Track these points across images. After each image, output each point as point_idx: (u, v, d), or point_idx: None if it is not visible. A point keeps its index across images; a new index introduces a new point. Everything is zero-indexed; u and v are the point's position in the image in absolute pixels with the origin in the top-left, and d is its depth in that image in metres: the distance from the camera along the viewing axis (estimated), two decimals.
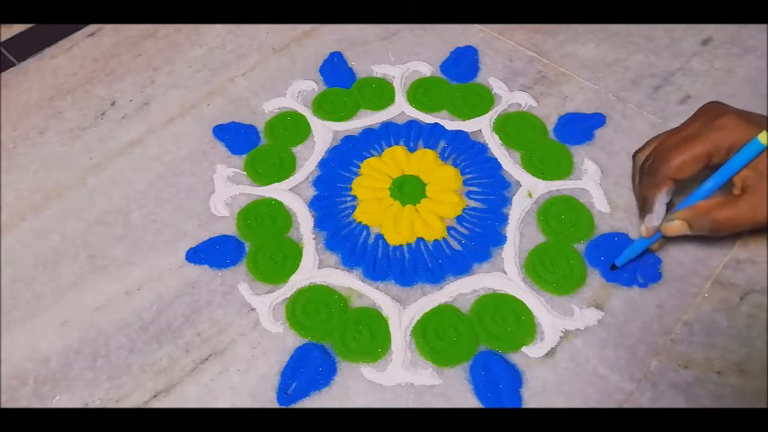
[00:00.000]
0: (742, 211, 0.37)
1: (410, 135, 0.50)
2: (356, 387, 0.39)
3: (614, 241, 0.43)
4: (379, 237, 0.45)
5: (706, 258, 0.42)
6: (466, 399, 0.38)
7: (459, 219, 0.46)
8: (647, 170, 0.39)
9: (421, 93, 0.53)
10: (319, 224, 0.46)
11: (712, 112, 0.38)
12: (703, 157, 0.37)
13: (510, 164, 0.48)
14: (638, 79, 0.53)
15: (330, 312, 0.41)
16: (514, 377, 0.38)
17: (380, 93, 0.54)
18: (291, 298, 0.42)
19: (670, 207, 0.40)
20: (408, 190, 0.47)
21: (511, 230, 0.45)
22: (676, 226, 0.38)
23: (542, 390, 0.38)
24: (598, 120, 0.50)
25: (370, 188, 0.47)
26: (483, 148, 0.49)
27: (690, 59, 0.54)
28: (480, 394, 0.38)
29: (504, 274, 0.43)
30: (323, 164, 0.49)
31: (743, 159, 0.36)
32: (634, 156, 0.42)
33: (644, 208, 0.39)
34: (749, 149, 0.35)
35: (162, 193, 0.48)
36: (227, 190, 0.48)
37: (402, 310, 0.41)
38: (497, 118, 0.51)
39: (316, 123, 0.52)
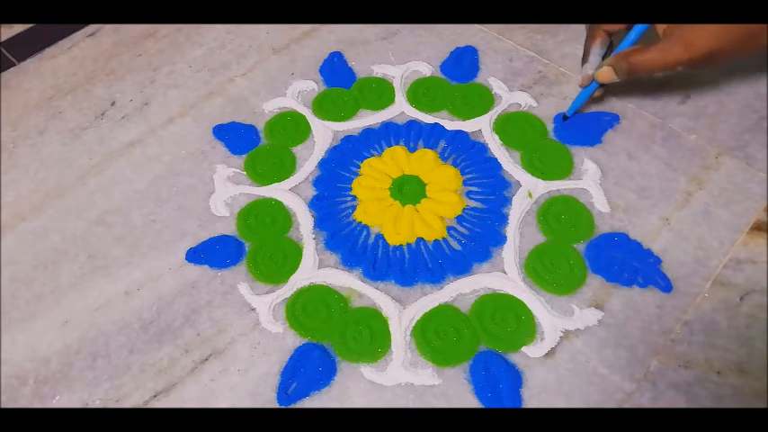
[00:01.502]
0: (653, 54, 0.42)
1: (410, 135, 0.50)
2: (356, 387, 0.39)
3: (614, 241, 0.43)
4: (379, 237, 0.45)
5: (706, 258, 0.42)
6: (466, 399, 0.38)
7: (459, 219, 0.46)
8: (588, 26, 0.46)
9: (421, 93, 0.53)
10: (319, 224, 0.46)
11: None
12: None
13: (510, 164, 0.48)
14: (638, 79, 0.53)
15: (330, 312, 0.41)
16: (514, 377, 0.38)
17: (380, 93, 0.54)
18: (291, 298, 0.42)
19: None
20: (408, 190, 0.47)
21: (511, 230, 0.45)
22: (603, 71, 0.45)
23: (542, 390, 0.38)
24: (608, 122, 0.50)
25: (370, 188, 0.47)
26: (483, 148, 0.49)
27: None
28: (480, 394, 0.38)
29: (504, 274, 0.43)
30: (323, 164, 0.49)
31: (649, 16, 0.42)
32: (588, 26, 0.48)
33: (583, 57, 0.47)
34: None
35: (162, 193, 0.48)
36: (227, 190, 0.48)
37: (402, 310, 0.41)
38: (497, 118, 0.51)
39: (316, 123, 0.52)
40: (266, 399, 0.38)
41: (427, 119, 0.52)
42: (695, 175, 0.47)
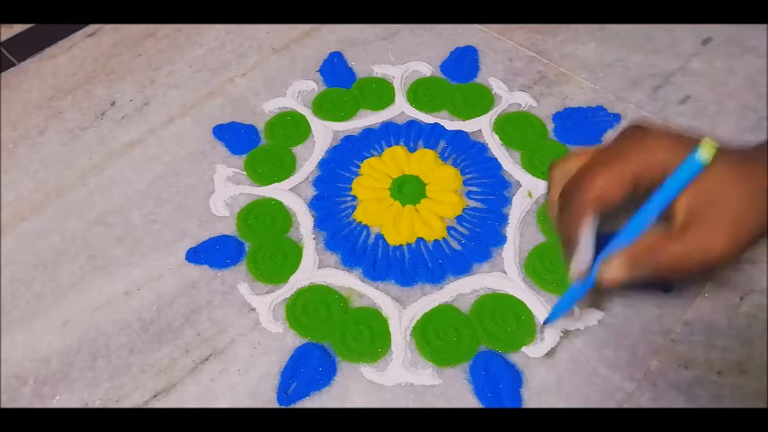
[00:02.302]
0: (691, 247, 0.29)
1: (410, 135, 0.50)
2: (356, 387, 0.39)
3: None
4: (379, 237, 0.45)
5: None
6: (466, 399, 0.38)
7: (459, 219, 0.46)
8: (565, 200, 0.31)
9: (421, 93, 0.53)
10: (319, 224, 0.46)
11: (638, 132, 0.30)
12: (630, 178, 0.29)
13: (510, 164, 0.48)
14: (638, 79, 0.53)
15: (330, 312, 0.41)
16: (514, 377, 0.38)
17: (380, 93, 0.54)
18: (291, 298, 0.42)
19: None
20: (408, 190, 0.47)
21: (511, 230, 0.45)
22: (613, 272, 0.30)
23: (542, 390, 0.38)
24: (608, 122, 0.50)
25: (370, 188, 0.47)
26: (483, 148, 0.49)
27: (690, 59, 0.54)
28: (480, 394, 0.38)
29: (504, 274, 0.43)
30: (323, 164, 0.49)
31: (681, 180, 0.28)
32: (550, 167, 0.34)
33: (567, 248, 0.31)
34: (687, 167, 0.28)
35: (162, 193, 0.48)
36: (227, 190, 0.48)
37: (402, 310, 0.41)
38: (497, 118, 0.51)
39: (316, 123, 0.52)
40: (266, 399, 0.38)
41: (427, 119, 0.52)
42: None
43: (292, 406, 0.38)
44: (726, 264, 0.30)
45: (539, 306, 0.41)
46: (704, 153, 0.27)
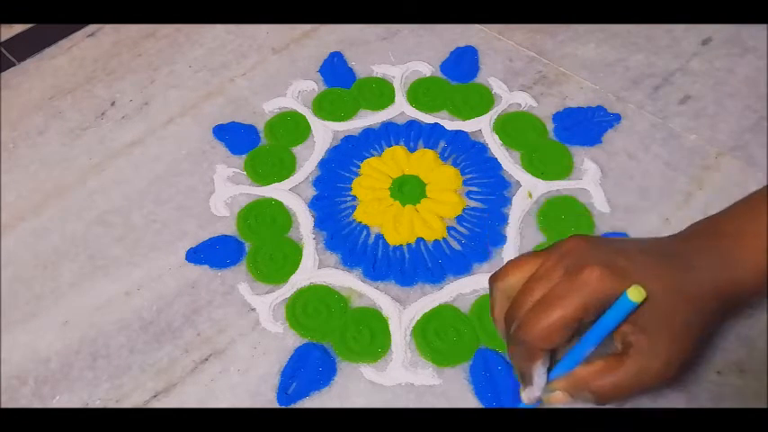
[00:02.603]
0: (626, 377, 0.31)
1: (410, 135, 0.50)
2: (356, 387, 0.39)
3: None
4: (379, 237, 0.45)
5: None
6: (466, 399, 0.38)
7: (459, 219, 0.46)
8: (514, 338, 0.32)
9: (421, 93, 0.53)
10: (319, 224, 0.46)
11: (573, 259, 0.32)
12: (571, 322, 0.30)
13: (510, 164, 0.48)
14: (638, 79, 0.53)
15: (330, 312, 0.41)
16: (514, 377, 0.38)
17: (380, 93, 0.54)
18: (291, 298, 0.42)
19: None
20: (408, 190, 0.47)
21: (511, 230, 0.45)
22: (558, 398, 0.33)
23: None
24: (608, 122, 0.50)
25: (370, 188, 0.47)
26: (483, 148, 0.49)
27: (690, 59, 0.54)
28: (480, 394, 0.38)
29: None
30: (323, 164, 0.49)
31: (613, 320, 0.30)
32: (491, 281, 0.35)
33: (522, 380, 0.34)
34: (619, 309, 0.30)
35: (162, 193, 0.48)
36: (227, 190, 0.48)
37: (402, 310, 0.41)
38: (497, 118, 0.51)
39: (316, 123, 0.52)
40: (266, 399, 0.38)
41: (427, 119, 0.52)
42: (695, 175, 0.47)
43: (292, 406, 0.38)
44: (666, 385, 0.32)
45: None
46: (634, 298, 0.29)
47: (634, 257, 0.32)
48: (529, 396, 0.34)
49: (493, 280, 0.35)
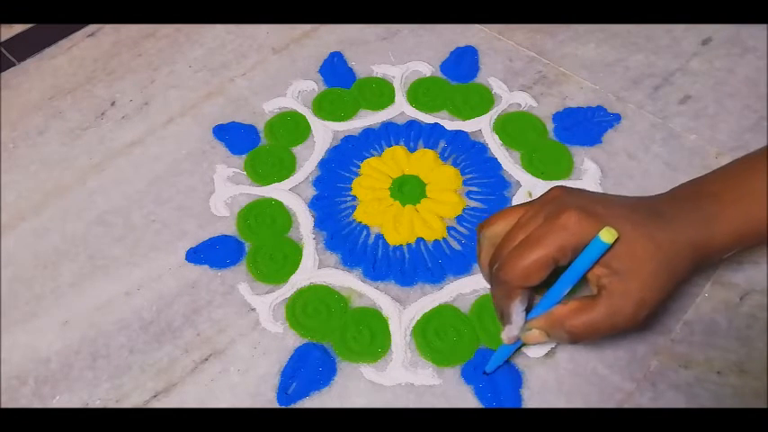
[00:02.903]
0: (598, 316, 0.32)
1: (410, 135, 0.50)
2: (356, 387, 0.39)
3: None
4: (379, 237, 0.45)
5: None
6: (466, 399, 0.38)
7: (459, 219, 0.46)
8: (495, 278, 0.34)
9: (421, 93, 0.53)
10: (319, 224, 0.46)
11: (554, 206, 0.33)
12: (548, 261, 0.32)
13: (510, 164, 0.48)
14: (638, 79, 0.53)
15: (330, 312, 0.41)
16: (514, 377, 0.38)
17: (380, 93, 0.54)
18: (291, 298, 0.42)
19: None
20: (408, 190, 0.47)
21: None
22: (534, 335, 0.35)
23: (542, 390, 0.38)
24: (608, 122, 0.50)
25: (370, 188, 0.47)
26: (483, 148, 0.49)
27: (690, 59, 0.54)
28: (480, 394, 0.38)
29: None
30: (323, 164, 0.49)
31: (587, 261, 0.32)
32: (478, 229, 0.37)
33: (502, 319, 0.35)
34: (592, 250, 0.31)
35: (162, 193, 0.48)
36: (227, 190, 0.48)
37: (402, 310, 0.41)
38: (497, 118, 0.51)
39: (316, 123, 0.52)
40: (266, 399, 0.38)
41: (427, 119, 0.52)
42: (695, 175, 0.46)
43: (292, 406, 0.38)
44: (635, 328, 0.33)
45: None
46: (606, 238, 0.31)
47: (612, 206, 0.33)
48: (508, 335, 0.35)
49: (479, 228, 0.37)
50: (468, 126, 0.51)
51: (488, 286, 0.42)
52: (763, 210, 0.33)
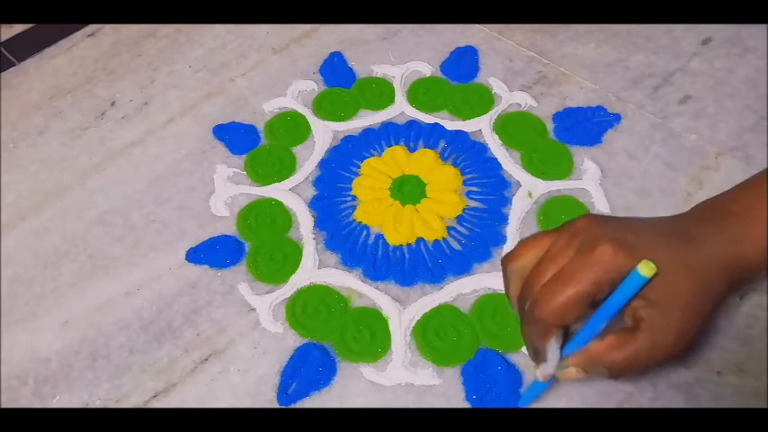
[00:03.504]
0: (639, 351, 0.31)
1: (410, 135, 0.50)
2: (356, 387, 0.39)
3: None
4: (379, 237, 0.45)
5: None
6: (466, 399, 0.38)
7: (459, 219, 0.46)
8: (528, 316, 0.33)
9: (421, 93, 0.53)
10: (319, 224, 0.46)
11: (586, 237, 0.32)
12: (584, 298, 0.31)
13: (510, 164, 0.48)
14: (638, 79, 0.53)
15: (330, 312, 0.41)
16: (514, 377, 0.38)
17: (380, 93, 0.54)
18: (291, 298, 0.42)
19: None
20: (408, 190, 0.47)
21: (511, 230, 0.45)
22: (572, 374, 0.33)
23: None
24: (608, 122, 0.50)
25: (370, 188, 0.47)
26: (483, 148, 0.49)
27: (690, 59, 0.54)
28: (476, 394, 0.38)
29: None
30: (323, 164, 0.49)
31: (625, 295, 0.31)
32: (504, 262, 0.35)
33: (536, 358, 0.34)
34: (630, 284, 0.31)
35: (162, 193, 0.48)
36: (227, 190, 0.48)
37: (402, 310, 0.41)
38: (497, 118, 0.51)
39: (316, 123, 0.52)
40: (266, 399, 0.38)
41: (427, 119, 0.52)
42: (695, 175, 0.47)
43: (292, 406, 0.38)
44: (676, 359, 0.33)
45: None
46: (645, 272, 0.30)
47: (643, 234, 0.32)
48: (543, 373, 0.34)
49: (506, 261, 0.35)
50: (468, 126, 0.51)
51: (489, 286, 0.42)
52: None
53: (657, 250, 0.31)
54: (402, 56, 0.56)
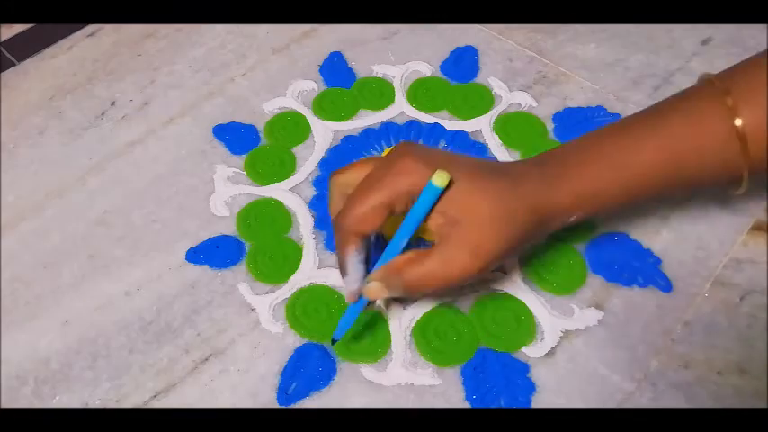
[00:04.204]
0: (432, 268, 0.32)
1: (410, 135, 0.50)
2: (356, 387, 0.39)
3: (614, 241, 0.43)
4: (379, 237, 0.45)
5: (706, 258, 0.42)
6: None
7: None
8: (333, 226, 0.33)
9: (421, 93, 0.53)
10: (319, 224, 0.46)
11: (396, 154, 0.33)
12: (383, 207, 0.31)
13: None
14: (638, 79, 0.53)
15: (330, 312, 0.41)
16: (514, 377, 0.38)
17: (380, 93, 0.54)
18: (291, 298, 0.42)
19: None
20: None
21: None
22: (374, 289, 0.33)
23: (542, 390, 0.38)
24: (606, 119, 0.50)
25: None
26: (483, 148, 0.49)
27: (690, 59, 0.54)
28: (479, 394, 0.38)
29: (503, 274, 0.43)
30: (323, 164, 0.49)
31: (421, 207, 0.31)
32: (330, 175, 0.36)
33: (342, 272, 0.34)
34: (425, 195, 0.31)
35: (162, 193, 0.48)
36: (227, 190, 0.48)
37: (402, 310, 0.41)
38: (497, 118, 0.51)
39: (316, 123, 0.52)
40: (266, 399, 0.38)
41: (427, 119, 0.52)
42: None
43: (292, 406, 0.38)
44: (469, 281, 0.33)
45: (539, 306, 0.41)
46: (438, 181, 0.30)
47: (456, 159, 0.33)
48: (348, 289, 0.34)
49: (332, 175, 0.36)
50: (468, 126, 0.51)
51: (488, 286, 0.42)
52: (602, 173, 0.34)
53: (461, 170, 0.31)
54: (402, 56, 0.56)
